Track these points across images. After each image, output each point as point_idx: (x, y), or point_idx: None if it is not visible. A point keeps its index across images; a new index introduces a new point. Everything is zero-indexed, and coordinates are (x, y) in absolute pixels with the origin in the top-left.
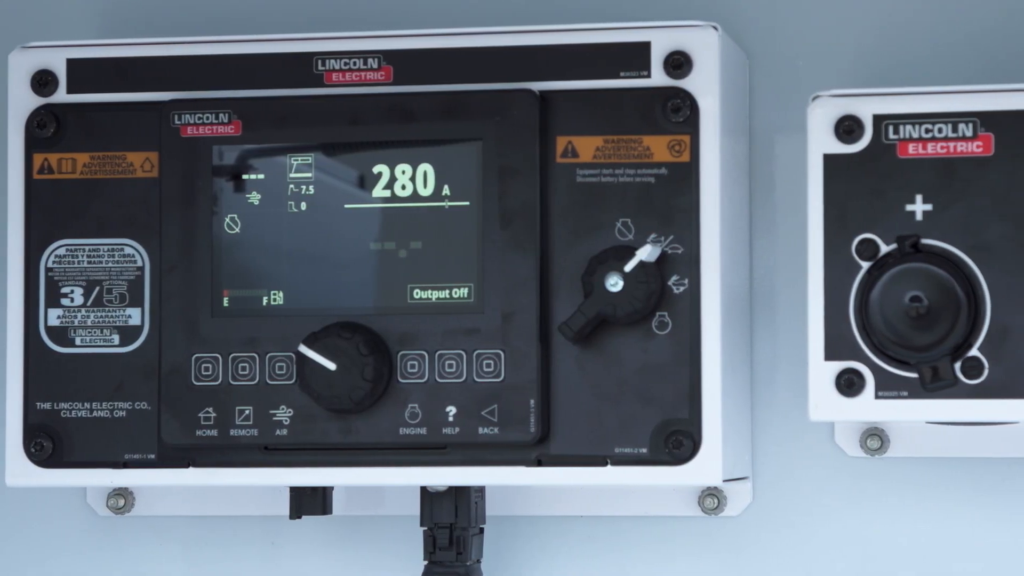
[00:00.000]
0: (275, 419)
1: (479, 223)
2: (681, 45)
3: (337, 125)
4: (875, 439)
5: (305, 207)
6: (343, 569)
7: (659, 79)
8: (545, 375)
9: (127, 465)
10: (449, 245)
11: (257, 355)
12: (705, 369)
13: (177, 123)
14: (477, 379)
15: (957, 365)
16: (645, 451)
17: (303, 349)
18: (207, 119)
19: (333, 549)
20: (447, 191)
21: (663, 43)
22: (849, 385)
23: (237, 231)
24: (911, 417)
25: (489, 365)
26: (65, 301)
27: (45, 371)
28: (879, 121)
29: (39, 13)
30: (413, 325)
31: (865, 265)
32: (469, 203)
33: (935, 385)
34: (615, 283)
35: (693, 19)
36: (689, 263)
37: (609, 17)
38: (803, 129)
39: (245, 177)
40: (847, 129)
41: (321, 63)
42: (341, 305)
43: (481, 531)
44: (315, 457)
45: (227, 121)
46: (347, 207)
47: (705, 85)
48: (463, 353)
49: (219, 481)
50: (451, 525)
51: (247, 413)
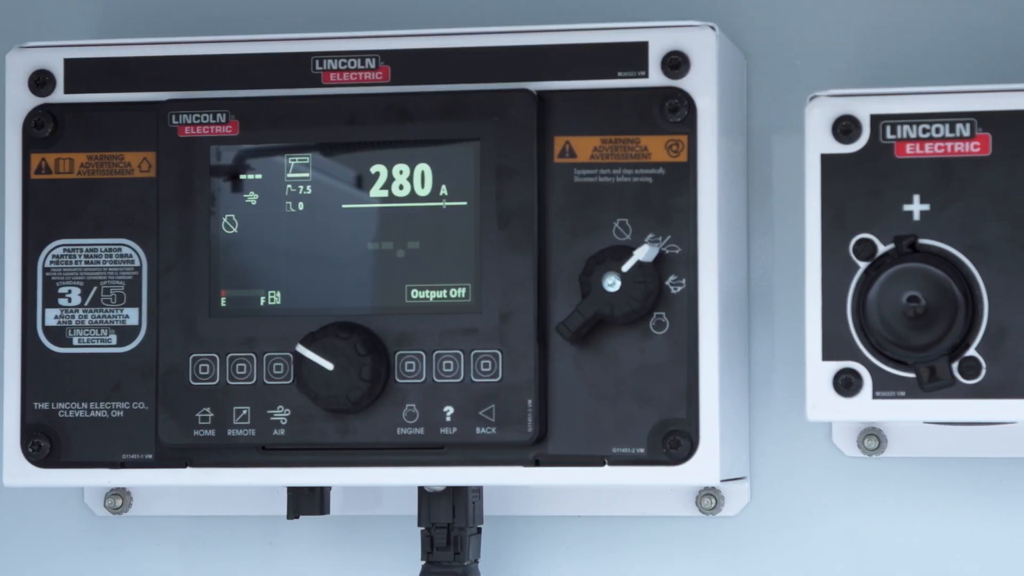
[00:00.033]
0: (273, 419)
1: (477, 223)
2: (679, 45)
3: (335, 125)
4: (873, 439)
5: (303, 207)
6: (341, 569)
7: (657, 79)
8: (543, 375)
9: (124, 465)
10: (447, 245)
11: (255, 355)
12: (703, 369)
13: (175, 123)
14: (475, 379)
15: (955, 365)
16: (643, 451)
17: (301, 349)
18: (204, 119)
19: (331, 549)
20: (445, 191)
21: (661, 43)
22: (847, 385)
23: (235, 231)
24: (909, 417)
25: (487, 365)
26: (63, 301)
27: (42, 371)
28: (877, 121)
29: (37, 13)
30: (411, 325)
31: (863, 265)
32: (467, 203)
33: (933, 385)
34: (613, 283)
35: (691, 19)
36: (687, 263)
37: (607, 17)
38: (801, 129)
39: (243, 177)
40: (845, 129)
41: (319, 63)
42: (339, 305)
43: (479, 531)
44: (313, 457)
45: (224, 121)
46: (345, 207)
47: (703, 85)
48: (461, 353)
49: (217, 481)
50: (449, 525)
51: (244, 413)
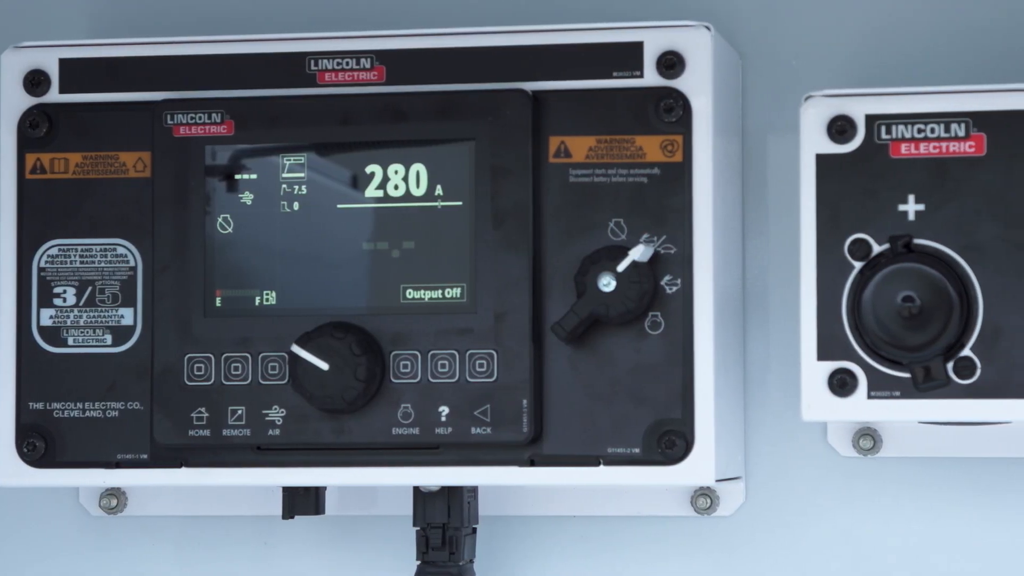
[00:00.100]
0: (268, 419)
1: (472, 223)
2: (674, 45)
3: (330, 125)
4: (868, 439)
5: (298, 207)
6: (336, 569)
7: (652, 79)
8: (538, 375)
9: (120, 465)
10: (442, 245)
11: (250, 355)
12: (698, 369)
13: (169, 123)
14: (470, 379)
15: (949, 365)
16: (638, 451)
17: (296, 349)
18: (200, 119)
19: (326, 549)
20: (440, 191)
21: (656, 43)
22: (842, 385)
23: (230, 231)
24: (904, 417)
25: (482, 365)
26: (58, 301)
27: (37, 371)
28: (872, 121)
29: (31, 13)
30: (406, 325)
31: (858, 265)
32: (462, 203)
33: (927, 385)
34: (608, 283)
35: (686, 19)
36: (682, 263)
37: (602, 17)
38: (796, 129)
39: (238, 177)
40: (840, 129)
41: (314, 63)
42: (334, 305)
43: (474, 531)
44: (308, 457)
45: (220, 121)
46: (340, 207)
47: (698, 85)
48: (456, 353)
49: (212, 481)
50: (444, 525)
51: (240, 413)
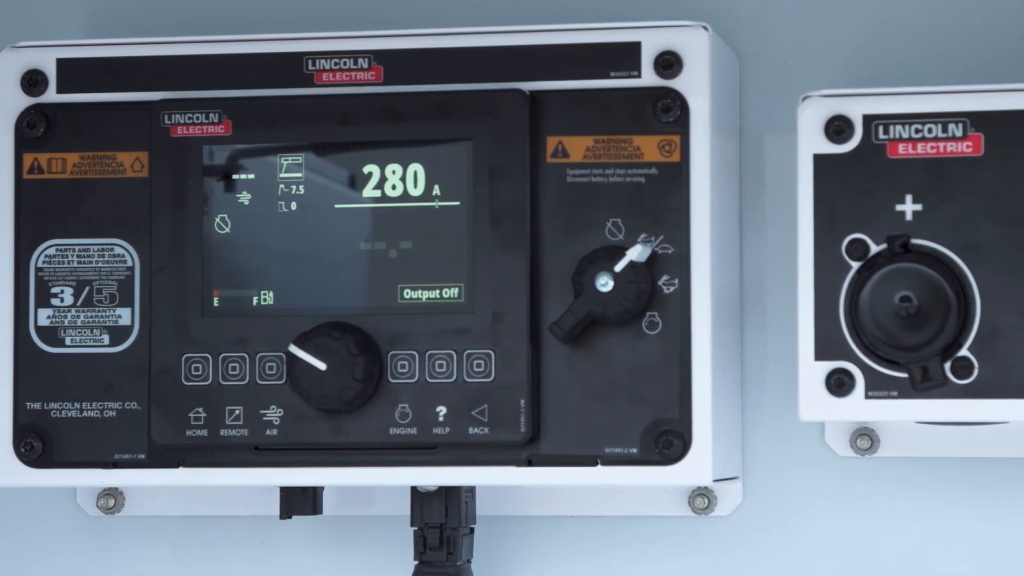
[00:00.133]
0: (265, 419)
1: (469, 223)
2: (671, 45)
3: (327, 125)
4: (865, 439)
5: (295, 207)
6: (334, 569)
7: (649, 79)
8: (535, 375)
9: (117, 465)
10: (439, 245)
11: (247, 355)
12: (695, 369)
13: (167, 123)
14: (467, 379)
15: (947, 365)
16: (635, 451)
17: (293, 349)
18: (197, 119)
19: (323, 549)
20: (437, 191)
21: (653, 43)
22: (839, 385)
23: (227, 231)
24: (901, 417)
25: (479, 365)
26: (55, 301)
27: (35, 371)
28: (869, 121)
29: (29, 13)
30: (403, 325)
31: (855, 265)
32: (459, 203)
33: (925, 385)
34: (605, 283)
35: (683, 19)
36: (679, 263)
37: (599, 17)
38: (793, 129)
39: (235, 177)
40: (837, 129)
41: (311, 63)
42: (331, 305)
43: (471, 531)
44: (305, 457)
45: (217, 121)
46: (337, 207)
47: (695, 85)
48: (453, 353)
49: (209, 481)
50: (441, 525)
51: (237, 413)
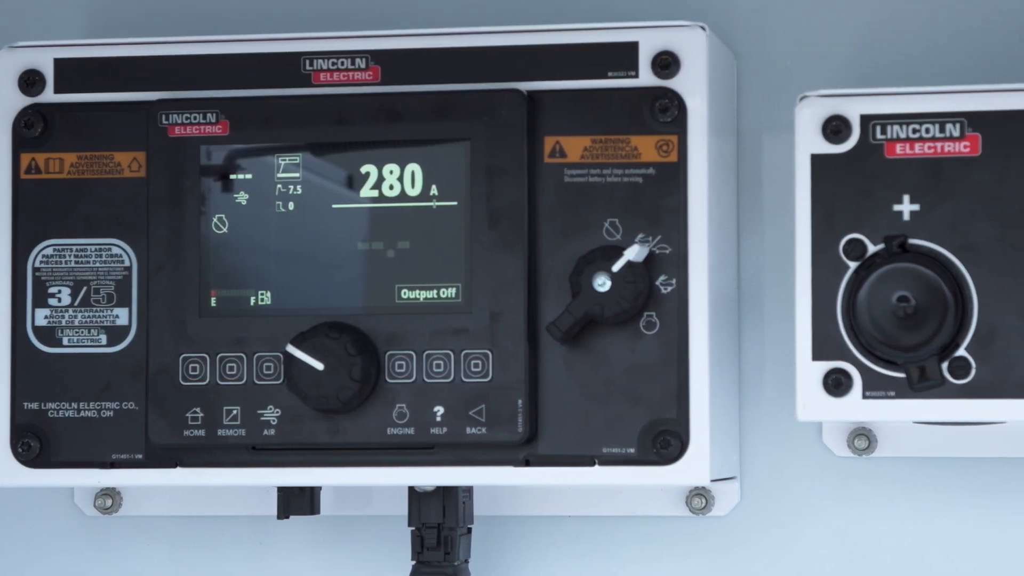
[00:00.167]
0: (263, 419)
1: (467, 223)
2: (669, 45)
3: (325, 125)
4: (863, 439)
5: (293, 207)
6: (331, 569)
7: (647, 79)
8: (533, 375)
9: (114, 465)
10: (437, 245)
11: (245, 355)
12: (693, 369)
13: (165, 123)
14: (465, 379)
15: (944, 365)
16: (633, 451)
17: (291, 349)
18: (195, 119)
19: (321, 549)
20: (435, 191)
21: (651, 43)
22: (837, 385)
23: (225, 231)
24: (899, 417)
25: (477, 365)
26: (52, 301)
27: (32, 371)
28: (867, 121)
29: (26, 13)
30: (401, 325)
31: (853, 265)
32: (457, 203)
33: (922, 385)
34: (603, 283)
35: (681, 19)
36: (677, 263)
37: (597, 17)
38: (791, 129)
39: (233, 177)
40: (835, 129)
41: (309, 63)
42: (329, 305)
43: (469, 531)
44: (303, 457)
45: (215, 121)
46: (335, 207)
47: (693, 85)
48: (451, 353)
49: (207, 481)
50: (439, 525)
51: (235, 413)
